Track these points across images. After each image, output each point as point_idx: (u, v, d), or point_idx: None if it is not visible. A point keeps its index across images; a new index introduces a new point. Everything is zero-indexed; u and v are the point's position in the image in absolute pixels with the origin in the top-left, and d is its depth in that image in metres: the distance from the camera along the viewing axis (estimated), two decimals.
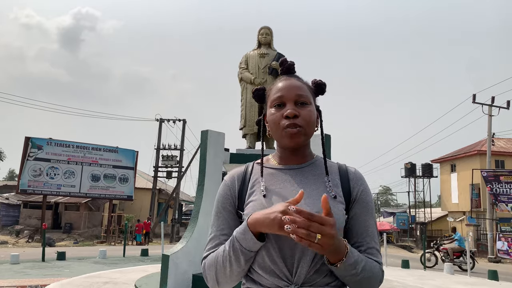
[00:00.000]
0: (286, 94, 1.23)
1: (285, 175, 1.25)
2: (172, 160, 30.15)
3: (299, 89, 1.24)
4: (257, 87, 1.37)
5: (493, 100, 22.91)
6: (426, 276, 11.08)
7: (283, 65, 1.34)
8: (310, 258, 1.12)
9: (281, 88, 1.25)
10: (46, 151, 23.84)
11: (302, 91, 1.24)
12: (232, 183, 1.27)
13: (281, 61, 1.35)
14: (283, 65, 1.34)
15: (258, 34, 7.82)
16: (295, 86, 1.24)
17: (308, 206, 1.14)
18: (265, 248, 1.14)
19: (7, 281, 8.54)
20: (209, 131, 6.76)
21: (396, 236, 33.94)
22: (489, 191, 21.07)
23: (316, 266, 1.13)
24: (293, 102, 1.22)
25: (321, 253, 1.08)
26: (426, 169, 36.33)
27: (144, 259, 14.06)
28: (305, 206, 1.14)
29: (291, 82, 1.26)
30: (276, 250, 1.13)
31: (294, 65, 1.34)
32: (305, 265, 1.12)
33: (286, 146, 1.25)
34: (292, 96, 1.22)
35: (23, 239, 23.17)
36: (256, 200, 1.19)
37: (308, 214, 1.00)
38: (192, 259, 6.02)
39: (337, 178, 1.25)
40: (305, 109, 1.22)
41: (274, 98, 1.24)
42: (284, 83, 1.26)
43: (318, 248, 1.00)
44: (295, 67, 1.34)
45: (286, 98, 1.22)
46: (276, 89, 1.26)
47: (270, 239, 1.13)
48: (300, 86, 1.25)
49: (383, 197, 73.99)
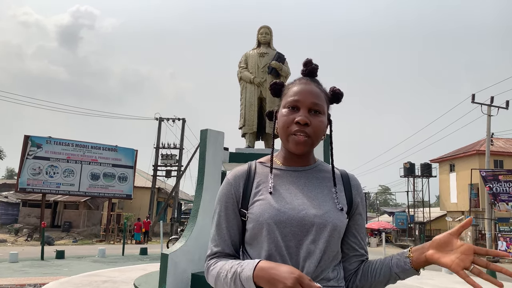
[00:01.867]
0: (302, 99, 1.22)
1: (290, 176, 1.26)
2: (171, 159, 30.14)
3: (316, 97, 1.23)
4: (276, 80, 1.35)
5: (492, 100, 22.93)
6: (424, 275, 11.11)
7: (307, 67, 1.31)
8: (318, 257, 1.15)
9: (299, 91, 1.23)
10: (45, 150, 23.84)
11: (319, 99, 1.23)
12: (236, 182, 1.26)
13: (306, 61, 1.32)
14: (306, 67, 1.31)
15: (257, 34, 7.82)
16: (312, 93, 1.23)
17: (314, 208, 1.18)
18: (272, 246, 1.16)
19: (6, 280, 8.54)
20: (209, 130, 6.76)
21: (395, 236, 33.98)
22: (488, 190, 21.10)
23: (322, 265, 1.16)
24: (307, 109, 1.21)
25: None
26: (425, 168, 36.38)
27: (143, 258, 14.08)
28: (312, 208, 1.17)
29: (309, 88, 1.24)
30: (282, 248, 1.14)
31: (317, 69, 1.31)
32: (312, 264, 1.14)
33: (290, 151, 1.26)
34: (307, 103, 1.21)
35: (22, 237, 23.16)
36: (263, 200, 1.20)
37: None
38: (192, 258, 6.03)
39: (341, 185, 1.29)
40: (317, 118, 1.21)
41: (290, 100, 1.23)
42: (303, 88, 1.24)
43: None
44: (317, 71, 1.32)
45: (301, 103, 1.21)
46: (293, 92, 1.25)
47: (276, 237, 1.15)
48: (317, 94, 1.24)
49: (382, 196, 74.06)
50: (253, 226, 1.18)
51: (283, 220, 1.15)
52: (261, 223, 1.16)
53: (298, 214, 1.16)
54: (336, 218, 1.18)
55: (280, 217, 1.15)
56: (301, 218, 1.15)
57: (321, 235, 1.15)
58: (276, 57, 7.48)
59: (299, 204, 1.18)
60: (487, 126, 23.28)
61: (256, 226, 1.17)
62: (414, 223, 33.12)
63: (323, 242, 1.15)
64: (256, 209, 1.19)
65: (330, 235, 1.16)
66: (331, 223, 1.16)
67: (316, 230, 1.15)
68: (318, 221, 1.15)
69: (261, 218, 1.16)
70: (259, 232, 1.17)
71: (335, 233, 1.17)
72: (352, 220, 1.28)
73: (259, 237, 1.18)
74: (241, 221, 1.24)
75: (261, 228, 1.16)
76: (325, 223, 1.15)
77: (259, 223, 1.16)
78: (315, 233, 1.15)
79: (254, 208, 1.19)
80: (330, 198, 1.22)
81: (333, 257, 1.20)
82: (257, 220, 1.17)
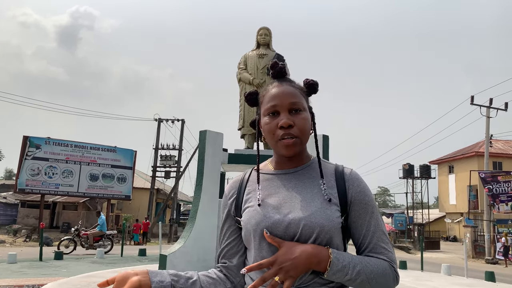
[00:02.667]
0: (280, 102, 1.21)
1: (281, 180, 1.26)
2: (170, 160, 30.13)
3: (293, 96, 1.22)
4: (250, 91, 1.35)
5: (491, 102, 22.97)
6: (423, 277, 11.11)
7: (274, 69, 1.30)
8: None
9: (274, 96, 1.23)
10: (44, 150, 23.80)
11: (296, 98, 1.22)
12: (229, 192, 1.32)
13: (271, 64, 1.31)
14: (274, 69, 1.30)
15: (257, 35, 7.84)
16: (288, 93, 1.22)
17: (301, 210, 1.16)
18: (259, 250, 1.16)
19: (4, 281, 8.52)
20: (208, 131, 6.77)
21: (393, 237, 33.96)
22: (487, 192, 21.11)
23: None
24: (287, 110, 1.21)
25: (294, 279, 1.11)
26: (424, 170, 36.45)
27: (142, 259, 14.06)
28: (299, 210, 1.16)
29: (284, 89, 1.23)
30: (270, 253, 1.14)
31: (285, 68, 1.31)
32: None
33: (282, 155, 1.26)
34: (285, 105, 1.21)
35: (21, 238, 23.11)
36: (251, 207, 1.22)
37: (256, 266, 1.09)
38: (190, 259, 6.03)
39: (332, 180, 1.24)
40: (299, 116, 1.21)
41: (268, 107, 1.23)
42: (277, 91, 1.24)
43: (288, 282, 1.07)
44: (286, 70, 1.31)
45: (279, 107, 1.21)
46: (269, 97, 1.24)
47: (263, 242, 1.15)
48: (293, 92, 1.23)
49: (381, 198, 74.11)
50: (244, 233, 1.22)
51: (268, 225, 1.15)
52: (248, 230, 1.19)
53: (285, 218, 1.15)
54: (323, 218, 1.14)
55: (265, 222, 1.15)
56: (287, 223, 1.14)
57: (308, 238, 1.13)
58: (275, 58, 7.49)
59: (286, 208, 1.17)
60: (486, 128, 23.32)
61: (246, 233, 1.21)
62: (413, 225, 33.10)
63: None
64: (245, 216, 1.22)
65: (317, 237, 1.13)
66: (318, 224, 1.13)
67: (302, 233, 1.13)
68: (305, 223, 1.13)
69: (248, 225, 1.19)
70: (249, 238, 1.20)
71: (323, 233, 1.13)
72: (351, 216, 1.22)
73: (250, 243, 1.20)
74: (239, 228, 1.27)
75: (249, 234, 1.19)
76: (311, 225, 1.13)
77: (247, 230, 1.20)
78: (302, 236, 1.13)
79: (244, 215, 1.23)
80: (319, 196, 1.19)
81: None
82: (245, 227, 1.20)
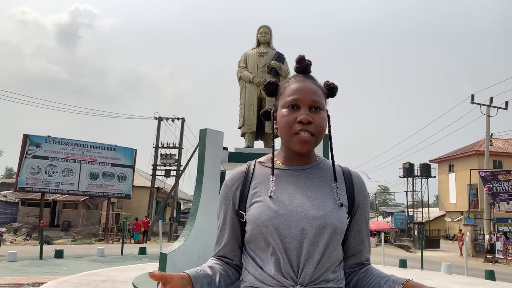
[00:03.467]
0: (302, 97, 1.20)
1: (290, 176, 1.24)
2: (170, 159, 30.12)
3: (315, 94, 1.21)
4: (270, 80, 1.33)
5: (492, 101, 22.95)
6: (423, 275, 11.12)
7: (300, 64, 1.29)
8: (317, 260, 1.13)
9: (297, 90, 1.21)
10: (44, 149, 23.79)
11: (318, 96, 1.22)
12: (232, 184, 1.26)
13: (298, 58, 1.29)
14: (300, 64, 1.29)
15: (257, 33, 7.83)
16: (311, 90, 1.22)
17: (314, 208, 1.15)
18: (271, 248, 1.14)
19: (4, 279, 8.53)
20: (208, 130, 6.76)
21: (393, 236, 33.97)
22: (487, 191, 21.10)
23: (321, 267, 1.14)
24: (307, 106, 1.20)
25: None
26: (424, 169, 36.41)
27: (142, 258, 14.09)
28: (312, 209, 1.15)
29: (307, 85, 1.23)
30: (281, 251, 1.13)
31: (311, 65, 1.30)
32: (310, 266, 1.12)
33: (294, 150, 1.23)
34: (307, 101, 1.20)
35: (21, 236, 23.13)
36: (261, 201, 1.19)
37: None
38: (190, 257, 6.03)
39: (342, 182, 1.26)
40: (318, 115, 1.20)
41: (289, 100, 1.21)
42: (301, 86, 1.22)
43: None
44: (311, 67, 1.30)
45: (301, 102, 1.20)
46: (291, 90, 1.22)
47: (275, 239, 1.13)
48: (316, 90, 1.23)
49: (381, 196, 74.11)
50: (252, 228, 1.17)
51: (281, 222, 1.13)
52: (259, 225, 1.15)
53: (297, 215, 1.14)
54: (336, 219, 1.15)
55: (278, 219, 1.14)
56: (299, 220, 1.13)
57: (321, 237, 1.13)
58: (275, 57, 7.48)
59: (298, 205, 1.16)
60: (486, 127, 23.31)
61: (255, 228, 1.16)
62: (413, 223, 33.11)
63: (323, 244, 1.13)
64: (254, 211, 1.18)
65: (330, 237, 1.14)
66: (331, 225, 1.14)
67: (315, 232, 1.13)
68: (318, 223, 1.13)
69: (259, 221, 1.15)
70: (258, 235, 1.16)
71: (335, 234, 1.15)
72: (353, 220, 1.25)
73: (258, 239, 1.17)
74: (241, 222, 1.24)
75: (259, 230, 1.15)
76: (324, 224, 1.13)
77: (257, 226, 1.15)
78: (315, 235, 1.13)
79: (252, 210, 1.18)
80: (330, 197, 1.20)
81: (334, 259, 1.18)
82: (255, 223, 1.16)
